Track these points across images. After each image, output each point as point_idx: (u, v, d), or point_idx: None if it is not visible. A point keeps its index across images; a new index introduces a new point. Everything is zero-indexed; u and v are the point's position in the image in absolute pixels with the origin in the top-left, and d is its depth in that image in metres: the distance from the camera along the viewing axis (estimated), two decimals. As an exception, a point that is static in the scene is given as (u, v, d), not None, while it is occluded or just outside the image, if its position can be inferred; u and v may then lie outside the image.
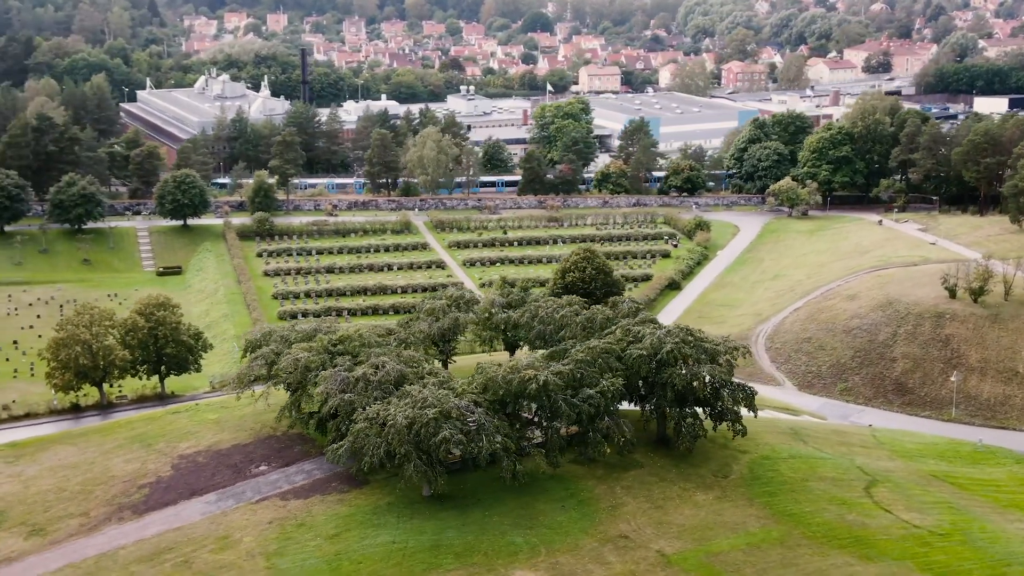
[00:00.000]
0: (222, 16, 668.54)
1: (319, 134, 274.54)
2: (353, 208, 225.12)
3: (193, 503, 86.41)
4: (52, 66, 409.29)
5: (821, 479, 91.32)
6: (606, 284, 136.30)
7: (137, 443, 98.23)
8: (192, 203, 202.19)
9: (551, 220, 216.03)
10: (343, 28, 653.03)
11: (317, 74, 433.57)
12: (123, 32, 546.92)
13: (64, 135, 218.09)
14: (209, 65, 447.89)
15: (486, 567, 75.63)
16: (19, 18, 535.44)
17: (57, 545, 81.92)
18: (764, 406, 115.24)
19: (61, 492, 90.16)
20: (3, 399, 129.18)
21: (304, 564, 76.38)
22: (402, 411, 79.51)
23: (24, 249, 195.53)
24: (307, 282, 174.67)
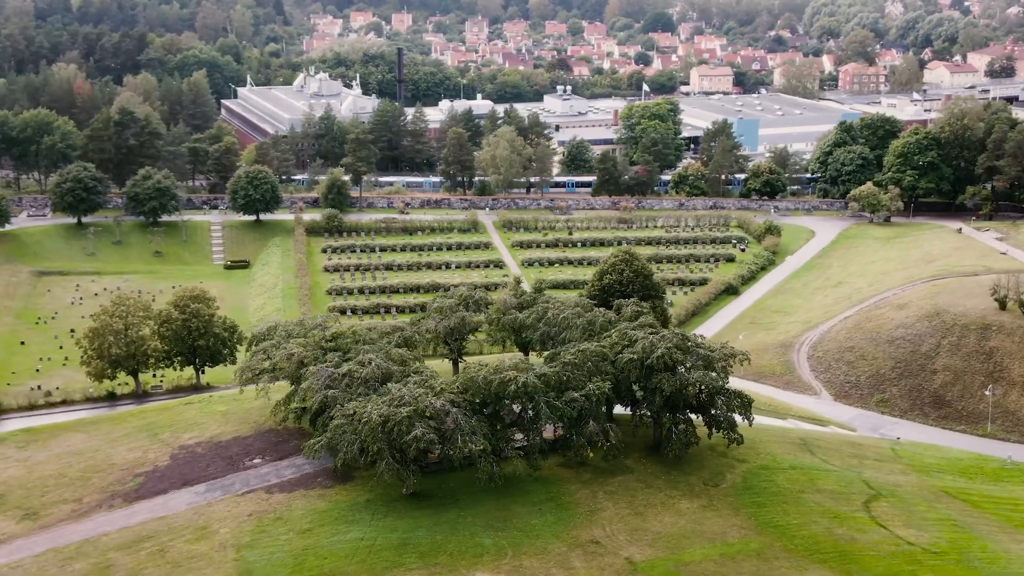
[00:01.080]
0: (348, 15, 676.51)
1: (404, 133, 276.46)
2: (426, 206, 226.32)
3: (182, 493, 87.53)
4: (164, 62, 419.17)
5: (819, 491, 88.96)
6: (644, 287, 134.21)
7: (144, 432, 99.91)
8: (263, 199, 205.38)
9: (621, 222, 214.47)
10: (465, 28, 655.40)
11: (423, 73, 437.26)
12: (244, 30, 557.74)
13: (144, 129, 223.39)
14: (318, 63, 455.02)
15: (448, 567, 75.20)
16: (144, 15, 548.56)
17: (46, 529, 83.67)
18: (789, 415, 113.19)
19: (61, 478, 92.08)
20: (49, 385, 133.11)
21: (271, 558, 76.79)
22: (377, 408, 79.54)
23: (98, 240, 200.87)
24: (364, 278, 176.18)
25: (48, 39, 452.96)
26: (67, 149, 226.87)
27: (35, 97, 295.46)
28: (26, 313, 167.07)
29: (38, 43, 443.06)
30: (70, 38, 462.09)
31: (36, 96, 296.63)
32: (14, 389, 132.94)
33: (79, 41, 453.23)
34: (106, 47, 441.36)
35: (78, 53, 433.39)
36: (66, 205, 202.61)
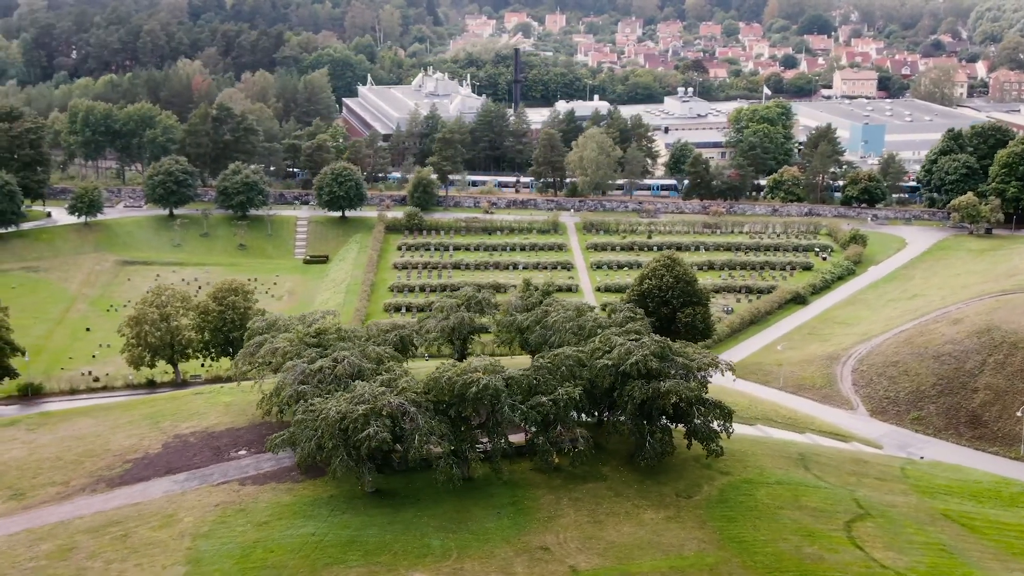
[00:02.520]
0: (503, 16, 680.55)
1: (506, 133, 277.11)
2: (512, 207, 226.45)
3: (163, 481, 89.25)
4: (298, 60, 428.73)
5: (800, 508, 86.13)
6: (685, 294, 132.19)
7: (147, 420, 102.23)
8: (347, 196, 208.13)
9: (707, 226, 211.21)
10: (618, 29, 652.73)
11: (554, 74, 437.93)
12: (392, 30, 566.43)
13: (240, 125, 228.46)
14: (449, 63, 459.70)
15: (388, 566, 75.08)
16: (296, 13, 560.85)
17: (28, 510, 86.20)
18: (809, 429, 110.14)
19: (57, 461, 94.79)
20: (100, 371, 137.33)
21: (221, 548, 77.73)
22: (337, 405, 79.90)
23: (186, 232, 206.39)
24: (429, 277, 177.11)
25: (188, 36, 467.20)
26: (167, 142, 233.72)
27: (155, 92, 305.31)
28: (101, 300, 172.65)
29: (178, 39, 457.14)
30: (209, 35, 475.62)
31: (156, 91, 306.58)
32: (66, 374, 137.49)
33: (218, 38, 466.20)
34: (244, 44, 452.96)
35: (216, 50, 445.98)
36: (158, 197, 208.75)
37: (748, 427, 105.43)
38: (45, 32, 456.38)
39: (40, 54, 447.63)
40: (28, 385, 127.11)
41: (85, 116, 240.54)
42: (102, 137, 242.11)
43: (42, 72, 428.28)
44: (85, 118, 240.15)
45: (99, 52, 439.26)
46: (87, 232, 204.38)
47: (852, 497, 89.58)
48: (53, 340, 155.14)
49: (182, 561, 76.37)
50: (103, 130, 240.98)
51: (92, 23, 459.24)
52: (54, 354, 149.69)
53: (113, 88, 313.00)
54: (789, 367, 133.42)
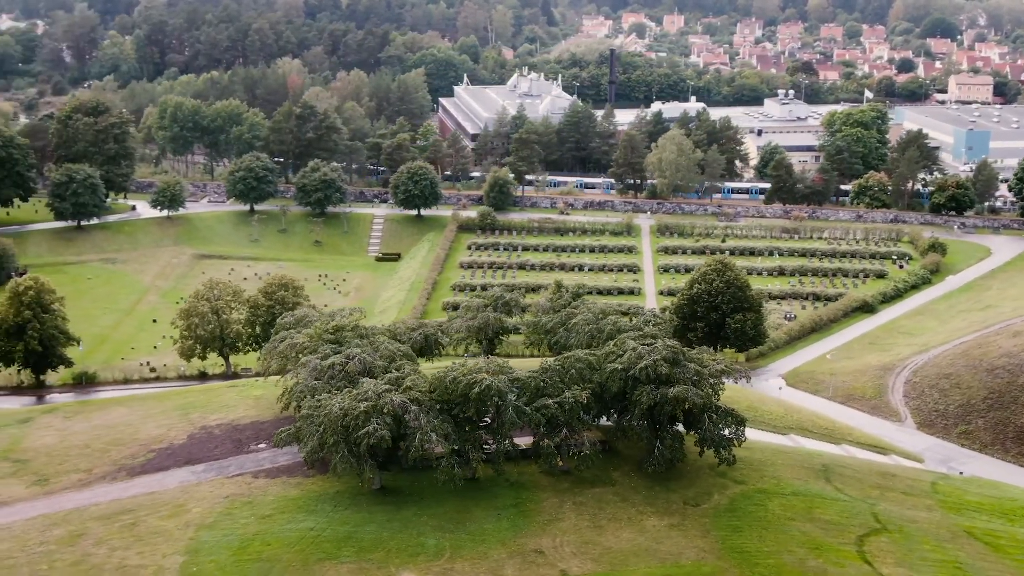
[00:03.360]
0: (620, 16, 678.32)
1: (593, 134, 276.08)
2: (588, 208, 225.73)
3: (181, 471, 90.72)
4: (402, 59, 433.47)
5: (813, 520, 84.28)
6: (735, 299, 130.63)
7: (178, 411, 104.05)
8: (422, 194, 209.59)
9: (786, 231, 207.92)
10: (737, 30, 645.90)
11: (658, 75, 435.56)
12: (504, 30, 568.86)
13: (323, 123, 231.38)
14: (552, 63, 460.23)
15: (378, 564, 75.34)
16: (411, 13, 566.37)
17: (49, 496, 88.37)
18: (845, 441, 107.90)
19: (85, 449, 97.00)
20: (158, 362, 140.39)
21: (222, 539, 78.74)
22: (340, 402, 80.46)
23: (264, 228, 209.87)
24: (493, 276, 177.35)
25: (296, 35, 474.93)
26: (253, 139, 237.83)
27: (252, 90, 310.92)
28: (173, 293, 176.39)
29: (285, 38, 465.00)
30: (317, 34, 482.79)
31: (253, 89, 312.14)
32: (125, 363, 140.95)
33: (324, 38, 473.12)
34: (350, 44, 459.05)
35: (322, 49, 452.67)
36: (238, 193, 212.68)
37: (779, 436, 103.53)
38: (158, 29, 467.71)
39: (153, 50, 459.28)
40: (82, 374, 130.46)
41: (173, 112, 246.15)
42: (190, 133, 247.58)
43: (154, 68, 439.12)
44: (173, 114, 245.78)
45: (209, 50, 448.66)
46: (168, 226, 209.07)
47: (871, 511, 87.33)
48: (119, 330, 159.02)
49: (182, 551, 77.51)
50: (191, 126, 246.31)
51: (204, 21, 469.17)
52: (117, 344, 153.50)
53: (212, 85, 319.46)
54: (842, 377, 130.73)
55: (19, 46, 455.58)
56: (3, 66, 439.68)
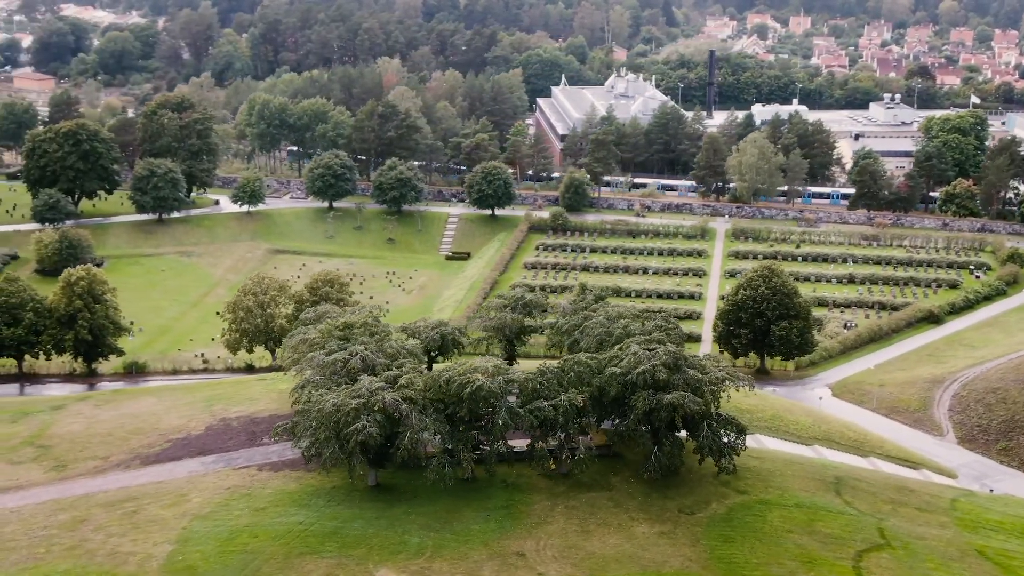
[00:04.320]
0: (745, 17, 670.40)
1: (681, 135, 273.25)
2: (667, 210, 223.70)
3: (192, 461, 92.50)
4: (508, 60, 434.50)
5: (812, 534, 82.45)
6: (781, 306, 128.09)
7: (203, 403, 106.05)
8: (496, 194, 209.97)
9: (865, 238, 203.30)
10: (864, 32, 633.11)
11: (767, 77, 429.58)
12: (621, 31, 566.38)
13: (404, 122, 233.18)
14: (660, 64, 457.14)
15: (359, 560, 75.84)
16: (528, 14, 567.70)
17: (64, 481, 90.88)
18: (874, 453, 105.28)
19: (107, 437, 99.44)
20: (213, 355, 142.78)
21: (213, 530, 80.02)
22: (335, 398, 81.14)
23: (340, 224, 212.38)
24: (554, 277, 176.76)
25: (404, 35, 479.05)
26: (337, 137, 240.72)
27: (348, 88, 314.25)
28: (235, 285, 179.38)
29: (394, 38, 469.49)
30: (425, 34, 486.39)
31: (349, 87, 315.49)
32: (179, 354, 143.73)
33: (432, 38, 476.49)
34: (456, 44, 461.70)
35: (429, 49, 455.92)
36: (317, 190, 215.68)
37: (800, 447, 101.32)
38: (272, 28, 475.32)
39: (267, 49, 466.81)
40: (133, 363, 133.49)
41: (261, 110, 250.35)
42: (276, 130, 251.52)
43: (268, 66, 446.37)
44: (261, 111, 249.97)
45: (319, 48, 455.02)
46: (247, 221, 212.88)
47: (877, 526, 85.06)
48: (182, 322, 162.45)
49: (173, 540, 78.97)
50: (278, 123, 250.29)
51: (316, 20, 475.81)
52: (178, 335, 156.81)
53: (312, 83, 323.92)
54: (889, 388, 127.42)
55: (138, 42, 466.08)
56: (122, 62, 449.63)
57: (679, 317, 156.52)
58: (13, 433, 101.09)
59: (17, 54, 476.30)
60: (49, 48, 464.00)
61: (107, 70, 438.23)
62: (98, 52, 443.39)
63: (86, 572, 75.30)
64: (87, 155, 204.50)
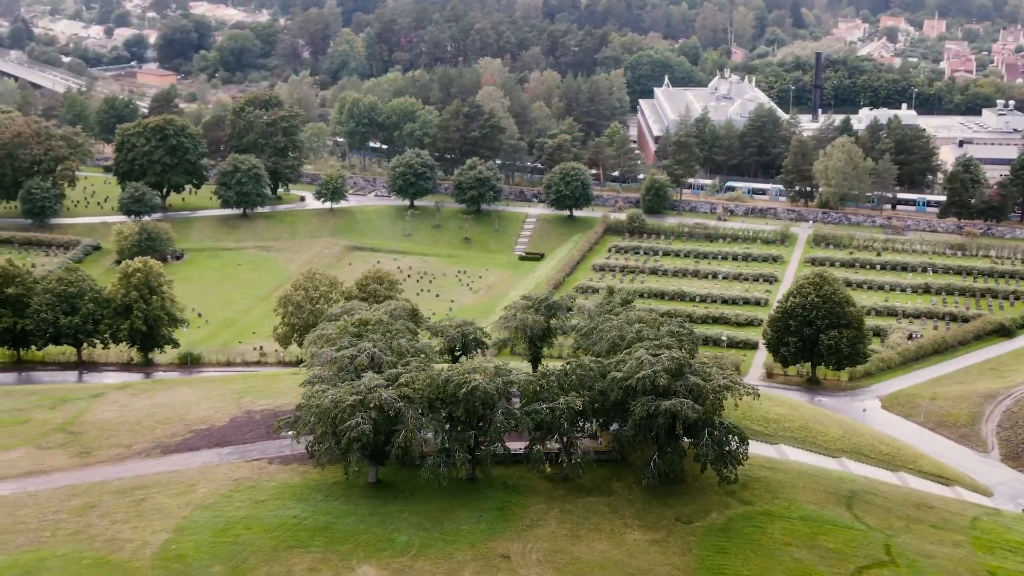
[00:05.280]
0: (879, 20, 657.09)
1: (776, 139, 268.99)
2: (750, 214, 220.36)
3: (208, 452, 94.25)
4: (619, 60, 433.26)
5: (812, 548, 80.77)
6: (832, 315, 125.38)
7: (233, 395, 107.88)
8: (573, 195, 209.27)
9: (951, 247, 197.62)
10: (1000, 37, 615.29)
11: (885, 81, 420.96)
12: (744, 32, 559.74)
13: (488, 122, 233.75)
14: (775, 66, 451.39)
15: (342, 556, 76.55)
16: (650, 15, 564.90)
17: (85, 468, 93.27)
18: (904, 468, 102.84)
19: (135, 425, 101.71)
20: (271, 347, 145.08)
21: (210, 520, 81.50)
22: (334, 394, 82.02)
23: (418, 223, 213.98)
24: (621, 280, 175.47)
25: (515, 35, 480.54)
26: (423, 136, 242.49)
27: (447, 88, 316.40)
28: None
29: (505, 38, 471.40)
30: (536, 34, 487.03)
31: (448, 87, 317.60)
32: (238, 347, 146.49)
33: (543, 38, 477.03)
34: (567, 45, 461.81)
35: (540, 50, 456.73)
36: (398, 188, 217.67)
37: (825, 459, 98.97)
38: (388, 27, 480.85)
39: (382, 48, 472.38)
40: (188, 354, 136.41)
41: (351, 108, 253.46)
42: (365, 128, 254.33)
43: (382, 66, 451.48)
44: (350, 110, 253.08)
45: (431, 48, 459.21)
46: (329, 217, 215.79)
47: (885, 542, 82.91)
48: (249, 315, 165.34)
49: (171, 528, 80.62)
50: (366, 122, 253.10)
51: (431, 20, 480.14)
52: (242, 327, 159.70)
53: (412, 83, 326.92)
54: (941, 402, 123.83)
55: (258, 40, 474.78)
56: (241, 59, 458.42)
57: (740, 324, 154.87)
58: (49, 419, 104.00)
59: (144, 50, 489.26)
60: (172, 45, 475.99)
61: (227, 67, 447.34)
62: (219, 49, 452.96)
63: (82, 556, 77.26)
64: (174, 150, 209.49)
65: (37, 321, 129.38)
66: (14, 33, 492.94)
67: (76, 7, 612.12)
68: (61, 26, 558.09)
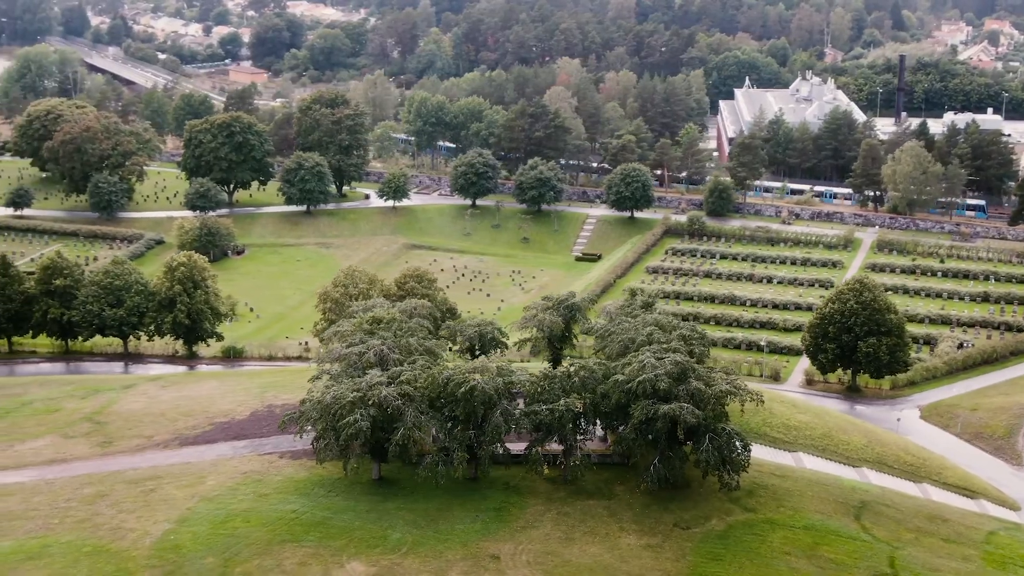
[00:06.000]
0: (983, 23, 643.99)
1: (851, 142, 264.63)
2: (816, 219, 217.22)
3: (224, 445, 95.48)
4: (704, 61, 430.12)
5: (811, 558, 79.60)
6: (871, 322, 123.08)
7: (258, 389, 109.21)
8: (633, 196, 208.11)
9: (1020, 256, 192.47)
10: None
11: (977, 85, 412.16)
12: (841, 33, 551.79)
13: (552, 122, 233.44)
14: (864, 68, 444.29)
15: (334, 551, 77.15)
16: (745, 15, 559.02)
17: (105, 457, 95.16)
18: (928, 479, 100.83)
19: (159, 417, 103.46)
20: (316, 343, 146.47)
21: (213, 512, 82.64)
22: (335, 390, 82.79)
23: (478, 222, 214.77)
24: (673, 283, 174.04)
25: (600, 35, 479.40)
26: (489, 135, 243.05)
27: (522, 88, 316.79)
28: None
29: (591, 38, 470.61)
30: (622, 34, 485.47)
31: (523, 87, 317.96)
32: (284, 342, 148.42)
33: (628, 38, 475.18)
34: (653, 45, 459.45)
35: (624, 50, 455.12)
36: (459, 187, 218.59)
37: (844, 468, 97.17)
38: (475, 27, 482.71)
39: (469, 48, 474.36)
40: (231, 348, 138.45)
41: (418, 107, 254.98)
42: (433, 127, 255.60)
43: (469, 65, 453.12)
44: (418, 109, 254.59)
45: (516, 48, 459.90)
46: (391, 216, 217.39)
47: (889, 554, 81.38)
48: (300, 310, 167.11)
49: (173, 519, 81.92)
50: (434, 121, 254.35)
51: (517, 20, 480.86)
52: (291, 323, 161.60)
53: (488, 83, 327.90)
54: (980, 413, 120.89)
55: (348, 40, 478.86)
56: (330, 58, 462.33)
57: (787, 329, 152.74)
58: (78, 408, 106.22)
59: (238, 48, 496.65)
60: (265, 43, 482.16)
61: (316, 66, 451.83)
62: (309, 48, 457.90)
63: (84, 544, 78.81)
64: (240, 147, 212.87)
65: (83, 313, 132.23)
66: (112, 29, 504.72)
67: (177, 5, 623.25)
68: (162, 23, 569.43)
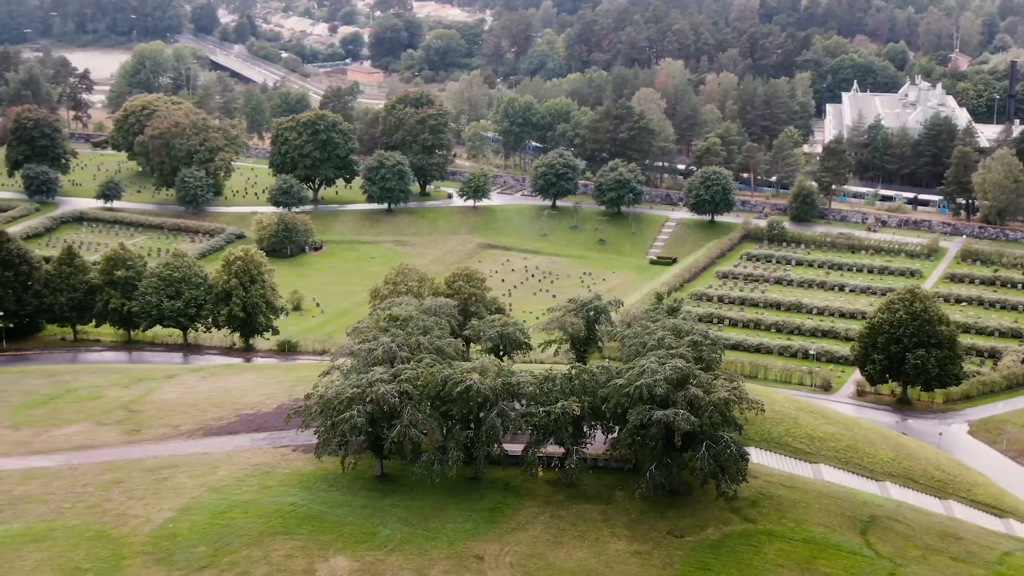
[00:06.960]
0: None
1: (951, 149, 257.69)
2: (903, 226, 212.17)
3: (244, 437, 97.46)
4: (819, 63, 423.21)
5: (806, 572, 78.29)
6: (921, 333, 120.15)
7: (290, 383, 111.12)
8: (713, 200, 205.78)
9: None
10: None
11: None
12: (971, 38, 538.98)
13: (637, 124, 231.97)
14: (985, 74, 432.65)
15: (323, 545, 78.20)
16: (873, 18, 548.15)
17: (130, 445, 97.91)
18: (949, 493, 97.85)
19: (190, 407, 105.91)
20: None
21: (214, 502, 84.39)
22: (337, 386, 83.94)
23: (555, 223, 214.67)
24: (741, 289, 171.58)
25: (713, 36, 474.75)
26: (575, 136, 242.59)
27: (620, 89, 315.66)
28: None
29: (703, 39, 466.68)
30: (736, 36, 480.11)
31: (620, 88, 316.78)
32: (342, 337, 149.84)
33: (743, 40, 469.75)
34: (767, 47, 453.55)
35: (738, 51, 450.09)
36: (539, 188, 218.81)
37: (867, 482, 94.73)
38: (588, 28, 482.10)
39: (581, 48, 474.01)
40: (285, 342, 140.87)
41: (506, 107, 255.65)
42: (520, 128, 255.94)
43: (581, 66, 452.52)
44: (506, 110, 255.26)
45: (628, 49, 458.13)
46: (470, 215, 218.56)
47: (891, 572, 79.64)
48: (364, 306, 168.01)
49: (177, 508, 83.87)
50: (521, 121, 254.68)
51: (631, 20, 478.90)
52: (353, 318, 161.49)
53: (588, 84, 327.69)
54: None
55: (464, 40, 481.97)
56: (445, 58, 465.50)
57: (849, 339, 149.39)
58: (116, 397, 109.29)
59: (359, 48, 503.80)
60: (383, 43, 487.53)
61: (431, 66, 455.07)
62: (425, 48, 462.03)
63: (88, 529, 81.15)
64: (324, 145, 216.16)
65: (143, 303, 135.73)
66: (239, 28, 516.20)
67: (307, 4, 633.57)
68: (291, 22, 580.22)
